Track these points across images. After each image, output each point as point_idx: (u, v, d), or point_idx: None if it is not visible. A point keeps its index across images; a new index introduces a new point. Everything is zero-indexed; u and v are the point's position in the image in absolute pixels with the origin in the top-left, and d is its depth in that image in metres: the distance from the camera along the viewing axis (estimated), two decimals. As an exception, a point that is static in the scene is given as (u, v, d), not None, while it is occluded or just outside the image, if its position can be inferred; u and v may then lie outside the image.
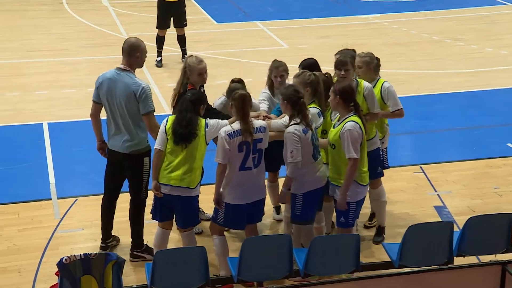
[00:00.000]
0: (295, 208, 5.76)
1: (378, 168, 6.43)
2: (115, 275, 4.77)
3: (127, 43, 6.01)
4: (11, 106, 10.10)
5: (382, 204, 6.56)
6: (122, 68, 5.97)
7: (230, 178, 5.59)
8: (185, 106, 5.66)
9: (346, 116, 5.59)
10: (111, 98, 5.95)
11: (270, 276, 5.24)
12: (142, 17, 14.90)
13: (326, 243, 5.20)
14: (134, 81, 5.90)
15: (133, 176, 6.11)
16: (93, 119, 6.18)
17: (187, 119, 5.61)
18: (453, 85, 11.06)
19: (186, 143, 5.62)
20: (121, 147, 6.02)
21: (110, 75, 6.00)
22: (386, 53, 12.62)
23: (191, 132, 5.61)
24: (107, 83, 5.98)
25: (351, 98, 5.60)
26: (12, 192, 7.58)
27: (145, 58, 6.07)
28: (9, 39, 13.28)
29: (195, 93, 5.81)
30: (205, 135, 5.67)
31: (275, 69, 6.39)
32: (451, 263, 5.35)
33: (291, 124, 5.60)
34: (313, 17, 15.19)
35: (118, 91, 5.91)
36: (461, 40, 13.51)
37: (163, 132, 5.69)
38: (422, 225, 5.47)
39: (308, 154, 5.65)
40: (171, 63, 11.96)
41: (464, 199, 7.49)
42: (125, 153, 6.00)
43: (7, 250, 6.48)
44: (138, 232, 6.27)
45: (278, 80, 6.37)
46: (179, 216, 5.83)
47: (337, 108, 5.64)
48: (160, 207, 5.81)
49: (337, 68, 6.13)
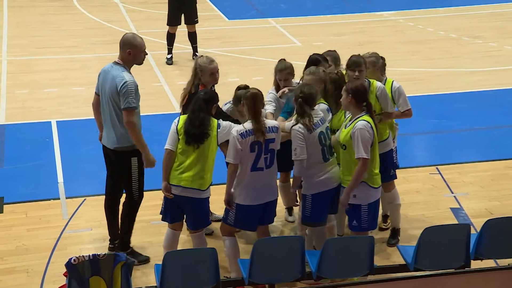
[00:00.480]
0: (305, 209, 5.76)
1: (391, 170, 6.41)
2: (124, 276, 4.79)
3: (122, 38, 6.04)
4: (19, 104, 10.15)
5: (396, 207, 6.54)
6: (117, 61, 6.00)
7: (242, 179, 5.59)
8: (198, 106, 5.66)
9: (357, 115, 5.57)
10: (102, 91, 6.00)
11: (282, 279, 5.24)
12: (153, 13, 14.94)
13: (339, 245, 5.19)
14: (120, 74, 5.85)
15: (121, 175, 6.11)
16: (93, 109, 6.23)
17: (200, 119, 5.61)
18: (471, 84, 10.99)
19: (199, 143, 5.62)
20: (107, 142, 6.06)
21: (107, 67, 6.06)
22: (402, 51, 12.58)
23: (204, 132, 5.61)
24: (102, 75, 6.04)
25: (364, 98, 5.58)
26: (20, 191, 7.62)
27: (141, 55, 5.99)
28: (18, 36, 13.36)
29: (208, 92, 5.81)
30: (217, 136, 5.67)
31: (279, 73, 6.33)
32: (468, 267, 5.32)
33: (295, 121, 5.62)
34: (327, 14, 15.17)
35: (107, 84, 5.93)
36: (480, 37, 13.42)
37: (175, 132, 5.70)
38: (438, 227, 5.44)
39: (316, 154, 5.63)
40: (181, 60, 11.99)
41: (482, 201, 7.44)
42: (110, 148, 6.03)
43: (16, 250, 6.51)
44: (126, 233, 6.22)
45: (282, 84, 6.35)
46: (189, 218, 5.83)
47: (349, 107, 5.62)
48: (171, 208, 5.82)
49: (351, 69, 6.12)
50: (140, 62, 6.07)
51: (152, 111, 9.47)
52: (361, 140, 5.45)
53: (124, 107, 5.81)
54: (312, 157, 5.61)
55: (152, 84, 10.82)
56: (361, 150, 5.45)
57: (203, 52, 12.35)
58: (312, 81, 5.90)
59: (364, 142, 5.46)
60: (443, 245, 5.22)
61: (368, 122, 5.52)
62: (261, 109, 5.65)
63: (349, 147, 5.57)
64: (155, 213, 6.92)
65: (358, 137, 5.46)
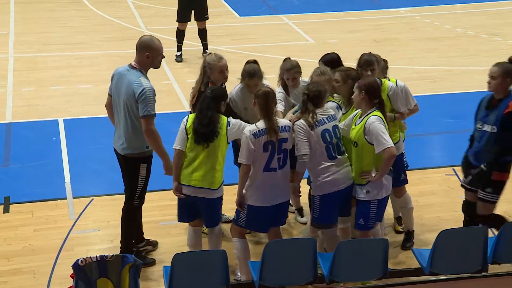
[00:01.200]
0: (314, 211, 5.78)
1: (402, 175, 6.41)
2: (132, 278, 4.81)
3: (139, 40, 5.96)
4: (26, 102, 10.22)
5: (409, 210, 6.55)
6: (133, 65, 5.93)
7: (254, 179, 5.61)
8: (206, 104, 5.69)
9: (368, 112, 5.59)
10: (116, 94, 5.97)
11: (293, 282, 5.24)
12: (162, 10, 14.99)
13: (352, 248, 5.19)
14: (138, 80, 5.79)
15: (127, 179, 6.09)
16: (107, 110, 6.24)
17: (208, 118, 5.63)
18: (489, 83, 10.95)
19: (208, 142, 5.65)
20: (118, 146, 6.04)
21: (122, 69, 6.00)
22: (417, 49, 12.56)
23: (213, 131, 5.64)
24: (117, 77, 6.00)
25: (376, 94, 5.61)
26: (26, 191, 7.67)
27: (159, 59, 5.93)
28: (25, 32, 13.44)
29: (215, 89, 5.83)
30: (226, 134, 5.69)
31: (287, 72, 6.38)
32: (485, 271, 5.31)
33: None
34: (341, 11, 15.15)
35: (123, 88, 5.88)
36: (498, 35, 13.37)
37: (183, 131, 5.72)
38: (455, 230, 5.44)
39: (319, 151, 5.63)
40: (191, 58, 12.02)
41: (500, 203, 7.37)
42: (121, 154, 6.02)
43: (22, 250, 6.56)
44: (125, 238, 6.20)
45: (290, 83, 6.40)
46: (205, 216, 5.88)
47: (361, 104, 5.64)
48: (186, 208, 5.86)
49: (363, 68, 6.13)
50: (158, 66, 5.99)
51: (161, 110, 9.36)
52: (379, 132, 5.47)
53: (143, 115, 5.75)
54: (316, 154, 5.62)
55: (161, 82, 10.85)
56: (382, 141, 5.46)
57: (214, 49, 12.38)
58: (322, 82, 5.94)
59: (382, 132, 5.48)
60: (459, 248, 5.21)
61: (379, 117, 5.55)
62: (274, 107, 5.67)
63: (361, 145, 5.58)
64: (164, 214, 6.97)
65: (375, 130, 5.48)
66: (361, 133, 5.57)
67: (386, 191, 5.69)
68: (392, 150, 5.48)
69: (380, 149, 5.49)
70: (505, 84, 5.79)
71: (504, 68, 5.80)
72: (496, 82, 5.79)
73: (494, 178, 5.83)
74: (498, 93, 5.83)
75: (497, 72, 5.80)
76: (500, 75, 5.78)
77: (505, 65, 5.82)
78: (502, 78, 5.78)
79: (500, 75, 5.78)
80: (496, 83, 5.80)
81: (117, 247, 6.50)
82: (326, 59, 6.45)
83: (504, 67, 5.80)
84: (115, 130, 6.09)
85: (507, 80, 5.78)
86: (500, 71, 5.79)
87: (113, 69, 6.26)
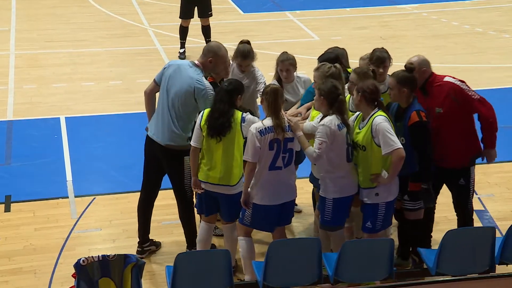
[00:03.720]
0: (325, 213, 5.73)
1: None
2: (134, 278, 4.82)
3: (207, 44, 6.15)
4: (27, 99, 10.23)
5: None
6: (196, 63, 6.05)
7: (259, 178, 5.60)
8: (220, 97, 5.69)
9: (371, 113, 5.56)
10: (169, 84, 6.00)
11: (298, 282, 5.24)
12: (165, 6, 14.98)
13: (357, 248, 5.19)
14: (200, 79, 5.91)
15: (170, 174, 6.12)
16: (146, 97, 6.21)
17: (220, 110, 5.63)
18: (498, 81, 10.92)
19: (220, 136, 5.64)
20: (161, 137, 6.01)
21: (181, 63, 6.10)
22: (424, 46, 12.52)
23: (224, 123, 5.61)
24: (174, 68, 6.05)
25: (375, 97, 5.56)
26: (27, 190, 7.68)
27: (221, 67, 6.05)
28: (27, 29, 13.45)
29: (232, 82, 5.80)
30: (241, 130, 5.68)
31: (281, 63, 6.50)
32: (492, 272, 5.30)
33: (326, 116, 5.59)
34: (346, 7, 15.12)
35: (180, 80, 5.94)
36: (507, 32, 13.32)
37: (198, 128, 5.73)
38: (462, 230, 5.44)
39: (341, 154, 5.61)
40: (194, 55, 11.98)
41: (508, 203, 7.40)
42: (161, 144, 6.01)
43: (23, 250, 6.57)
44: (192, 233, 6.24)
45: (284, 75, 6.49)
46: (224, 211, 5.89)
47: (360, 107, 5.61)
48: (206, 201, 5.87)
49: (375, 65, 6.09)
50: (220, 73, 6.12)
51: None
52: (386, 133, 5.43)
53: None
54: (337, 157, 5.57)
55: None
56: (390, 142, 5.42)
57: (217, 46, 12.39)
58: (317, 77, 5.92)
59: (389, 133, 5.43)
60: (466, 249, 5.21)
61: (384, 116, 5.53)
62: (282, 105, 5.65)
63: (369, 148, 5.54)
64: (167, 213, 6.97)
65: (382, 131, 5.44)
66: (368, 135, 5.53)
67: (394, 193, 5.67)
68: (400, 151, 5.44)
69: (387, 151, 5.46)
70: (403, 93, 5.66)
71: (398, 78, 5.67)
72: (394, 93, 5.70)
73: (409, 188, 5.76)
74: (401, 102, 5.74)
75: (392, 83, 5.69)
76: (395, 86, 5.67)
77: (399, 75, 5.69)
78: (398, 89, 5.67)
79: (395, 86, 5.67)
80: (395, 94, 5.70)
81: (119, 246, 6.52)
82: (324, 58, 6.42)
83: (399, 77, 5.68)
84: (157, 122, 6.03)
85: (403, 89, 5.66)
86: (394, 82, 5.67)
87: (116, 66, 6.26)
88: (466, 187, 6.04)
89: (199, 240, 5.99)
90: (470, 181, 6.04)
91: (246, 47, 6.57)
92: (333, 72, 5.90)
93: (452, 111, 5.75)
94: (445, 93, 5.79)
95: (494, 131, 6.05)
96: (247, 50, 6.55)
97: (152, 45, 12.46)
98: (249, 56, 6.55)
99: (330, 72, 5.89)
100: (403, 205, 5.86)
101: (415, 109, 5.67)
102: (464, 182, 6.03)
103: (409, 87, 5.68)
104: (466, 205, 6.12)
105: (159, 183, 6.30)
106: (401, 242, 6.18)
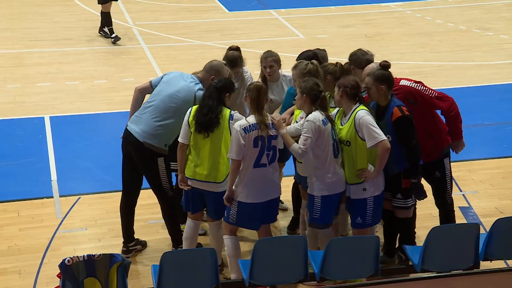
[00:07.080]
0: (314, 211, 5.74)
1: None
2: (120, 278, 4.81)
3: (209, 63, 6.12)
4: (11, 99, 10.17)
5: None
6: (198, 76, 6.10)
7: (244, 175, 5.61)
8: (209, 93, 5.73)
9: (353, 108, 5.59)
10: (168, 86, 6.03)
11: (284, 280, 5.25)
12: (150, 5, 14.95)
13: (343, 246, 5.19)
14: (203, 89, 5.95)
15: (149, 175, 6.11)
16: (136, 93, 6.22)
17: (208, 106, 5.66)
18: (482, 78, 10.99)
19: (208, 131, 5.66)
20: (139, 133, 5.99)
21: (184, 74, 6.14)
22: (409, 44, 12.59)
23: (212, 119, 5.64)
24: (176, 75, 6.12)
25: (356, 93, 5.59)
26: (12, 189, 7.64)
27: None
28: (10, 28, 13.37)
29: (222, 80, 5.84)
30: (229, 127, 5.69)
31: (264, 60, 6.54)
32: (477, 268, 5.33)
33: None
34: (331, 5, 15.16)
35: (179, 86, 5.99)
36: (490, 29, 13.42)
37: (186, 124, 5.75)
38: (446, 227, 5.46)
39: (327, 150, 5.62)
40: (180, 54, 11.98)
41: (492, 200, 7.45)
42: (139, 140, 5.98)
43: (8, 250, 6.53)
44: (176, 232, 6.25)
45: (267, 71, 6.52)
46: (210, 208, 5.90)
47: (341, 103, 5.64)
48: (192, 198, 5.88)
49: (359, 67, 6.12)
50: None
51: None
52: (370, 126, 5.46)
53: None
54: (324, 153, 5.58)
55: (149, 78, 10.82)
56: (374, 135, 5.45)
57: (203, 45, 12.38)
58: (296, 76, 5.94)
59: (372, 125, 5.46)
60: (451, 245, 5.23)
61: (366, 110, 5.56)
62: (265, 103, 5.67)
63: (354, 143, 5.58)
64: (152, 212, 6.96)
65: (365, 124, 5.46)
66: (352, 130, 5.56)
67: (381, 187, 5.69)
68: (385, 143, 5.47)
69: (372, 143, 5.48)
70: (382, 90, 5.68)
71: (375, 76, 5.69)
72: (372, 91, 5.72)
73: (403, 186, 5.79)
74: (380, 101, 5.76)
75: (369, 82, 5.71)
76: (373, 84, 5.69)
77: (376, 73, 5.71)
78: (376, 87, 5.68)
79: (373, 84, 5.69)
80: (373, 93, 5.72)
81: (104, 246, 6.50)
82: (303, 57, 6.42)
83: (375, 75, 5.70)
84: (141, 120, 6.02)
85: (381, 86, 5.67)
86: (372, 80, 5.69)
87: (101, 65, 6.27)
88: (443, 179, 6.10)
89: (185, 238, 6.00)
90: (446, 173, 6.10)
91: (234, 55, 6.52)
92: (311, 69, 5.92)
93: (415, 113, 5.78)
94: (402, 98, 5.83)
95: (458, 123, 6.11)
96: (235, 57, 6.52)
97: (136, 44, 12.44)
98: (238, 64, 6.54)
99: (308, 69, 5.91)
100: (395, 204, 5.87)
101: (395, 105, 5.70)
102: (439, 175, 6.09)
103: (386, 84, 5.70)
104: (445, 198, 6.18)
105: (138, 183, 6.28)
106: (386, 240, 6.21)
